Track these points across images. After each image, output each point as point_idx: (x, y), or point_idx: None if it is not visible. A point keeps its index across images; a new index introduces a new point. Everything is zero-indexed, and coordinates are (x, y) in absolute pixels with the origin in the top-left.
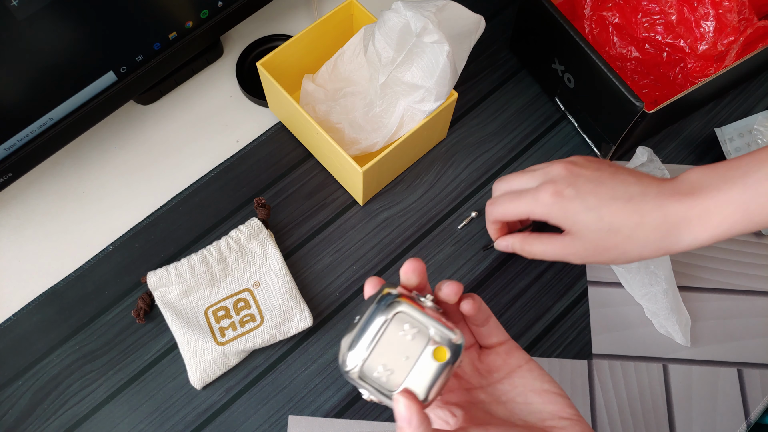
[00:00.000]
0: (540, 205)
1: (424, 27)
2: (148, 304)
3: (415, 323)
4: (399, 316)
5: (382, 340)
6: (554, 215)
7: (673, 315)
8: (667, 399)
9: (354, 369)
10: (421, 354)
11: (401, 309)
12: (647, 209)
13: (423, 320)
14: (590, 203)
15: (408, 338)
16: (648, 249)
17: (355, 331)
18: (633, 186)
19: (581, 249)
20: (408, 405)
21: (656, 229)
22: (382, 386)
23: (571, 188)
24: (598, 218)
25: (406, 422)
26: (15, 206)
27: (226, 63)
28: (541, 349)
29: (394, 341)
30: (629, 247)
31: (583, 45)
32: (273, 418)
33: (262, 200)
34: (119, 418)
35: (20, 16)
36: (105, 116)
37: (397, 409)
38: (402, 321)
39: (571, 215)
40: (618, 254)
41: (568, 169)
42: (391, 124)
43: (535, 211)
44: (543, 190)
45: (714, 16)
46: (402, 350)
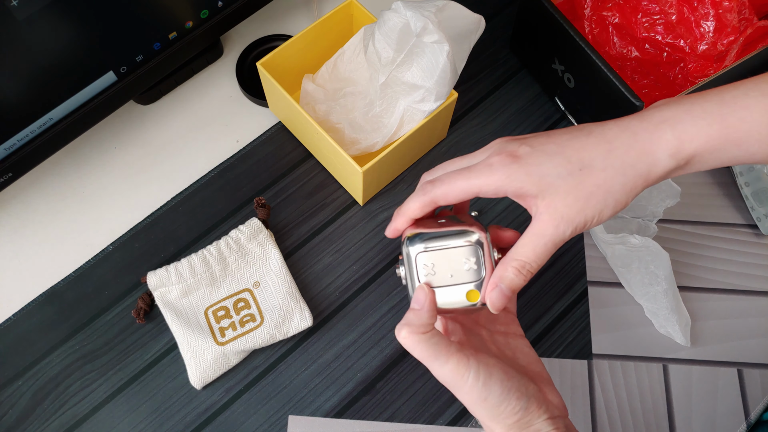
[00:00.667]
0: (495, 171)
1: (424, 27)
2: (148, 304)
3: (479, 264)
4: (473, 248)
5: (448, 252)
6: (514, 180)
7: (673, 315)
8: (667, 399)
9: (414, 251)
10: (462, 284)
11: (479, 247)
12: (612, 135)
13: (484, 266)
14: (550, 150)
15: (464, 267)
16: (628, 176)
17: (439, 231)
18: (586, 125)
19: (562, 206)
20: (426, 294)
21: (629, 151)
22: (419, 275)
23: (524, 146)
24: (566, 160)
25: (419, 305)
26: (15, 206)
27: (226, 63)
28: (541, 349)
29: (454, 259)
30: (610, 182)
31: (583, 45)
32: (273, 418)
33: (262, 200)
34: (119, 418)
35: (20, 16)
36: (105, 116)
37: (417, 294)
38: (472, 253)
39: (534, 171)
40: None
41: (510, 137)
42: (391, 124)
43: (490, 181)
44: (494, 156)
45: (714, 16)
46: (454, 269)
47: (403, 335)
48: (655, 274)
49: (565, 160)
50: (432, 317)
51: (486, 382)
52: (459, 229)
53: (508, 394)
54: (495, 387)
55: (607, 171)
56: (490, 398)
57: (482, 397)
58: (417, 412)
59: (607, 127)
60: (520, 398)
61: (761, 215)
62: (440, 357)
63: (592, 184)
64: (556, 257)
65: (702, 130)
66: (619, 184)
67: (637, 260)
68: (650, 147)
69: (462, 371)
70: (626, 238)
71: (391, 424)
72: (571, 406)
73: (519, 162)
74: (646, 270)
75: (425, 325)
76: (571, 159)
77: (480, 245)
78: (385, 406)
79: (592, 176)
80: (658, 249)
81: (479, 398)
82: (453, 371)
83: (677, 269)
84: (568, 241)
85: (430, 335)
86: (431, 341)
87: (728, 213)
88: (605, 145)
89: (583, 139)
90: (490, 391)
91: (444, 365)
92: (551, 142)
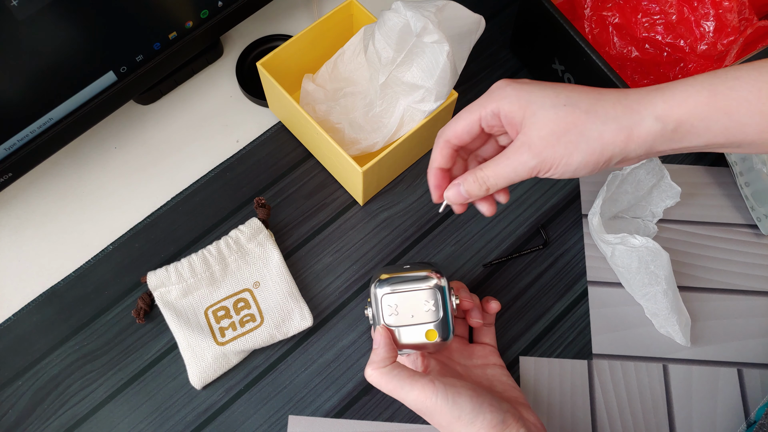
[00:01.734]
0: (491, 96)
1: (424, 27)
2: (148, 304)
3: (437, 306)
4: (432, 292)
5: (411, 294)
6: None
7: (673, 315)
8: (667, 399)
9: (381, 292)
10: (421, 324)
11: (438, 291)
12: (604, 90)
13: (443, 310)
14: (544, 86)
15: (424, 309)
16: (609, 127)
17: (404, 276)
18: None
19: (535, 136)
20: (382, 333)
21: (616, 105)
22: (384, 314)
23: (521, 81)
24: (554, 94)
25: (377, 344)
26: (15, 206)
27: (226, 63)
28: (541, 349)
29: (416, 301)
30: (588, 125)
31: (583, 45)
32: (273, 418)
33: (262, 200)
34: (119, 418)
35: (20, 16)
36: (105, 116)
37: (375, 335)
38: (431, 296)
39: (524, 96)
40: (576, 136)
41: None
42: (391, 124)
43: (487, 104)
44: (494, 88)
45: (714, 16)
46: (415, 310)
47: (368, 373)
48: (655, 274)
49: (554, 93)
50: (389, 351)
51: (455, 399)
52: (422, 275)
53: (480, 407)
54: (465, 403)
55: (589, 114)
56: (463, 415)
57: (455, 415)
58: None
59: (602, 89)
60: (494, 411)
61: (761, 215)
62: (405, 385)
63: (571, 123)
64: (556, 257)
65: (691, 96)
66: (597, 131)
67: (637, 260)
68: (637, 106)
69: (428, 393)
70: (626, 238)
71: (391, 424)
72: (571, 406)
73: (512, 85)
74: (646, 270)
75: (385, 359)
76: (559, 94)
77: (439, 289)
78: (385, 406)
79: (573, 114)
80: (658, 249)
81: (453, 417)
82: (420, 395)
83: (677, 269)
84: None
85: (392, 367)
86: (393, 372)
87: (728, 213)
88: (595, 94)
89: (576, 88)
90: (462, 408)
91: (410, 392)
92: (544, 84)
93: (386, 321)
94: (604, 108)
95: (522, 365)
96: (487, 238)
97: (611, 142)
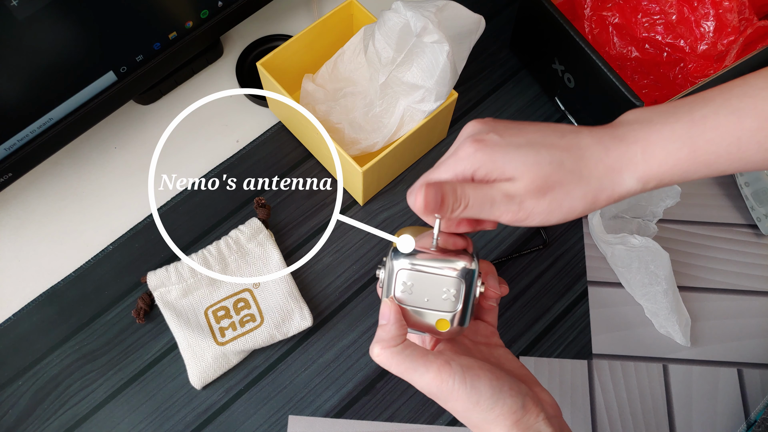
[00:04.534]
0: (460, 159)
1: (424, 27)
2: (148, 304)
3: (457, 297)
4: (456, 281)
5: (431, 277)
6: (479, 164)
7: (673, 315)
8: (667, 399)
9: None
10: (434, 311)
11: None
12: (585, 143)
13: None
14: (518, 143)
15: (442, 297)
16: (591, 187)
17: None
18: (560, 125)
19: (522, 189)
20: (390, 307)
21: (598, 164)
22: (396, 290)
23: (493, 133)
24: (535, 152)
25: (385, 319)
26: (15, 206)
27: (226, 63)
28: (541, 349)
29: (435, 286)
30: (573, 186)
31: (583, 45)
32: (273, 418)
33: (262, 200)
34: (119, 418)
35: (20, 16)
36: (105, 116)
37: (382, 309)
38: (454, 285)
39: (499, 159)
40: (562, 195)
41: (480, 122)
42: (391, 124)
43: (458, 169)
44: (462, 145)
45: (714, 16)
46: (431, 294)
47: (376, 353)
48: (655, 274)
49: (535, 152)
50: (400, 329)
51: (474, 383)
52: (449, 258)
53: (500, 392)
54: (484, 388)
55: (574, 174)
56: (482, 401)
57: (473, 401)
58: (417, 412)
59: (581, 135)
60: (515, 396)
61: (761, 215)
62: (418, 367)
63: (556, 182)
64: (556, 257)
65: (671, 154)
66: (581, 192)
67: (637, 260)
68: (619, 166)
69: (445, 377)
70: (626, 238)
71: (391, 424)
72: (571, 406)
73: (485, 149)
74: (646, 270)
75: (395, 338)
76: (540, 152)
77: (465, 278)
78: (385, 406)
79: (558, 174)
80: (658, 249)
81: (470, 403)
82: (435, 378)
83: (677, 269)
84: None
85: (403, 347)
86: (405, 353)
87: (728, 213)
88: (577, 151)
89: (555, 139)
90: (480, 393)
91: (424, 374)
92: (520, 136)
93: (397, 296)
94: (588, 168)
95: None
96: (487, 238)
97: (593, 200)
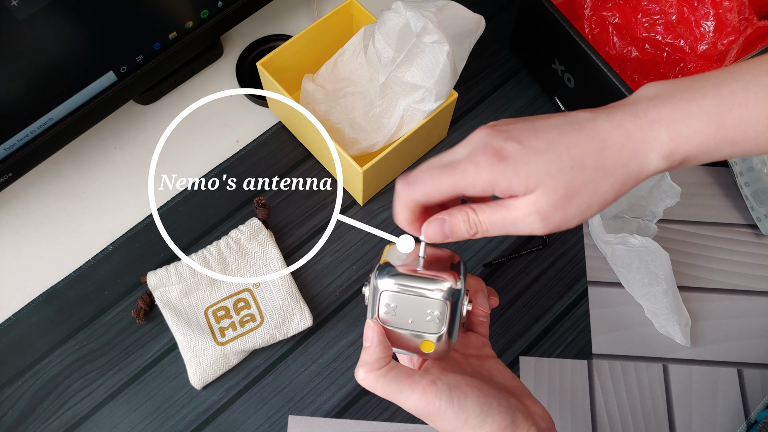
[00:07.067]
0: (482, 171)
1: (424, 27)
2: (148, 304)
3: (442, 319)
4: (440, 303)
5: (415, 299)
6: (502, 181)
7: (673, 315)
8: (667, 399)
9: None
10: (419, 333)
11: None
12: (605, 131)
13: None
14: (539, 147)
15: (426, 318)
16: (618, 176)
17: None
18: (575, 115)
19: (545, 203)
20: (374, 329)
21: (621, 150)
22: (378, 310)
23: (510, 142)
24: (556, 157)
25: (369, 341)
26: (15, 206)
27: (226, 63)
28: (541, 349)
29: (419, 307)
30: (599, 182)
31: (583, 45)
32: (273, 418)
33: (262, 200)
34: (119, 418)
35: (20, 16)
36: (105, 116)
37: (365, 331)
38: (438, 307)
39: (522, 171)
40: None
41: (494, 129)
42: (391, 124)
43: (476, 180)
44: (479, 155)
45: (714, 16)
46: (415, 316)
47: (360, 376)
48: (655, 274)
49: (555, 157)
50: (384, 351)
51: (461, 402)
52: (434, 277)
53: (489, 410)
54: (472, 406)
55: (598, 171)
56: (470, 419)
57: (461, 420)
58: None
59: (599, 122)
60: (504, 412)
61: (761, 215)
62: (404, 389)
63: (581, 184)
64: (556, 257)
65: (698, 131)
66: (609, 184)
67: (637, 260)
68: (643, 147)
69: (431, 398)
70: (626, 238)
71: (391, 424)
72: (570, 406)
73: (507, 161)
74: (646, 270)
75: (379, 360)
76: (561, 156)
77: (450, 299)
78: (385, 406)
79: (583, 175)
80: (658, 249)
81: (458, 422)
82: (421, 399)
83: (677, 269)
84: None
85: (387, 369)
86: (389, 375)
87: (728, 213)
88: (597, 143)
89: (573, 136)
90: (468, 411)
91: (410, 396)
92: (539, 137)
93: (381, 317)
94: (611, 158)
95: (522, 365)
96: (487, 238)
97: (623, 186)
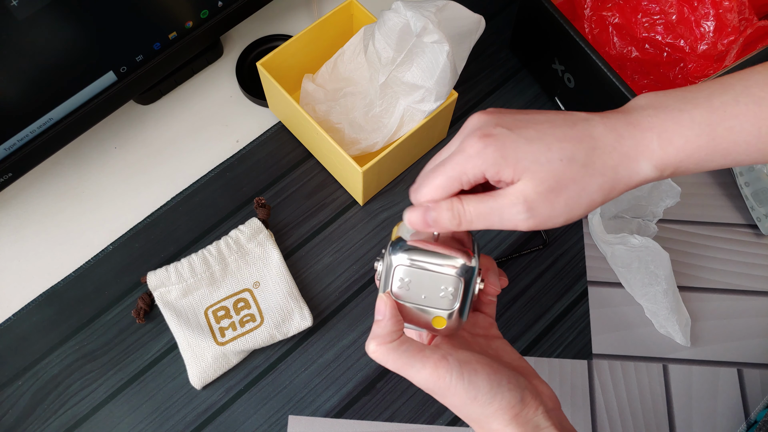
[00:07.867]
0: (469, 156)
1: (424, 27)
2: (148, 304)
3: (455, 295)
4: (454, 279)
5: (429, 275)
6: (490, 162)
7: (673, 315)
8: (667, 399)
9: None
10: (431, 308)
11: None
12: (598, 132)
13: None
14: (529, 135)
15: (440, 294)
16: (607, 178)
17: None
18: (571, 114)
19: (532, 192)
20: (386, 303)
21: (612, 153)
22: (392, 285)
23: (500, 127)
24: (546, 148)
25: (381, 314)
26: (15, 206)
27: (226, 63)
28: (541, 349)
29: (433, 283)
30: (588, 180)
31: (583, 45)
32: (273, 418)
33: (262, 200)
34: (119, 418)
35: (20, 16)
36: (105, 116)
37: (378, 304)
38: (452, 283)
39: (510, 156)
40: (577, 192)
41: (488, 113)
42: (391, 124)
43: (467, 167)
44: (468, 140)
45: (714, 16)
46: (428, 291)
47: (372, 349)
48: (655, 274)
49: (545, 147)
50: (396, 324)
51: (471, 378)
52: (448, 254)
53: (499, 387)
54: (482, 382)
55: (587, 168)
56: (479, 396)
57: (471, 395)
58: (417, 412)
59: (593, 123)
60: (513, 390)
61: (761, 215)
62: (415, 363)
63: (569, 179)
64: (556, 257)
65: (689, 141)
66: (597, 184)
67: (637, 260)
68: (634, 153)
69: (442, 373)
70: (626, 238)
71: (391, 424)
72: (571, 406)
73: (495, 144)
74: (646, 270)
75: (391, 333)
76: (551, 147)
77: (464, 276)
78: (385, 406)
79: (571, 169)
80: (658, 249)
81: (468, 398)
82: (432, 374)
83: (677, 269)
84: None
85: (399, 343)
86: (401, 349)
87: (728, 213)
88: (589, 141)
89: (566, 130)
90: (478, 388)
91: (421, 370)
92: (530, 128)
93: (394, 292)
94: (602, 158)
95: None
96: (487, 237)
97: (611, 190)
